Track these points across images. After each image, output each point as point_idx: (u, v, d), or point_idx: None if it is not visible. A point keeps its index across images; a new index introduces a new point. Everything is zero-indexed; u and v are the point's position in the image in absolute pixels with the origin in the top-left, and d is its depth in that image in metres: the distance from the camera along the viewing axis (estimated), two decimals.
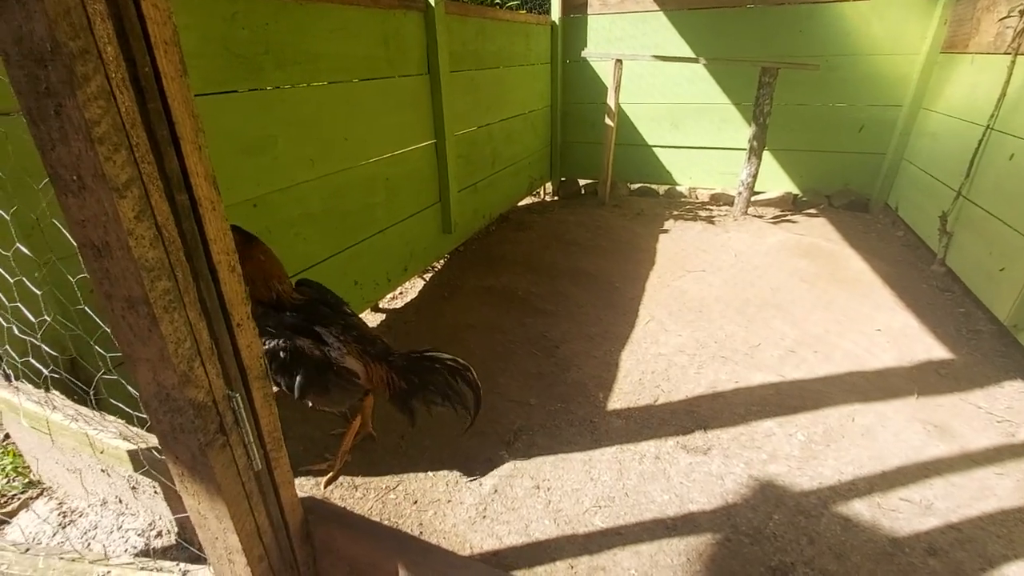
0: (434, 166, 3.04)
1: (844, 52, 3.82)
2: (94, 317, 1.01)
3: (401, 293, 3.06)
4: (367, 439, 1.85)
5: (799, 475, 1.67)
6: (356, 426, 1.73)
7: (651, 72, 4.36)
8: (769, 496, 1.59)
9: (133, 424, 1.13)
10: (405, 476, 1.70)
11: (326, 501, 1.01)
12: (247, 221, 1.85)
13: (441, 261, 3.45)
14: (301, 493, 0.96)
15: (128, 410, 1.06)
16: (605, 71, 4.45)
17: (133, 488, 1.27)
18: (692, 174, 4.61)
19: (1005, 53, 2.64)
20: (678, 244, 3.63)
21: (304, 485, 1.66)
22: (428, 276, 3.25)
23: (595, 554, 1.42)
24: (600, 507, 1.57)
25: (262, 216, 1.93)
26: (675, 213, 4.33)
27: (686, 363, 2.26)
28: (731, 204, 4.37)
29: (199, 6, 1.61)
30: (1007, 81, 2.58)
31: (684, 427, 1.89)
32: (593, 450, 1.79)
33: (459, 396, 1.63)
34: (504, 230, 4.02)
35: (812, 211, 4.25)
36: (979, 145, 2.74)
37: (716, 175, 4.52)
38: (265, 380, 0.75)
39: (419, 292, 3.04)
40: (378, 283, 2.68)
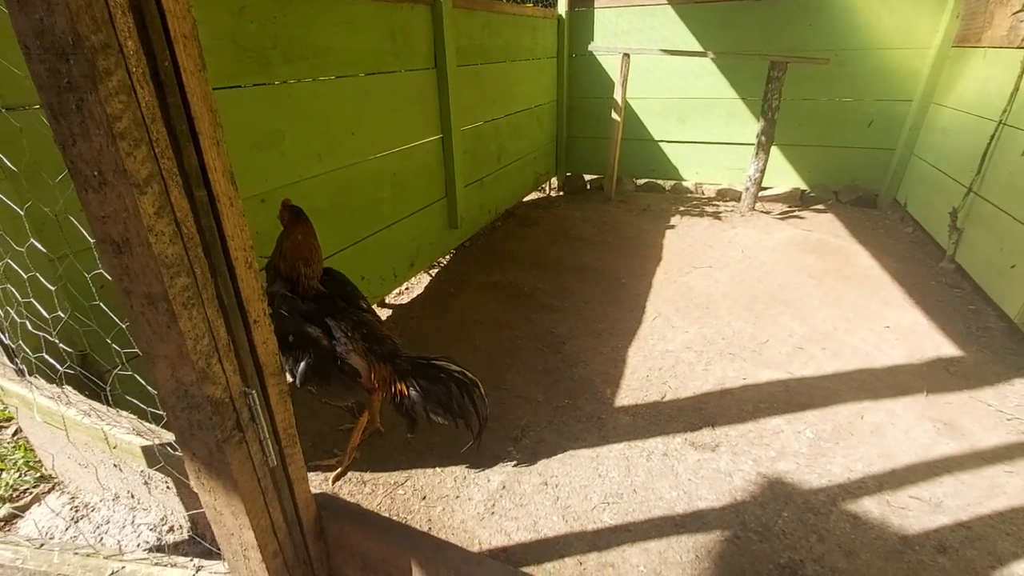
0: (440, 161, 3.03)
1: (854, 46, 3.78)
2: (108, 312, 1.01)
3: (407, 288, 3.06)
4: (375, 435, 1.85)
5: (808, 472, 1.66)
6: (364, 422, 1.74)
7: (658, 66, 4.33)
8: (778, 493, 1.59)
9: (146, 420, 1.13)
10: (413, 472, 1.71)
11: (339, 497, 1.01)
12: (255, 217, 1.85)
13: (447, 256, 3.45)
14: (314, 489, 0.97)
15: (141, 406, 1.06)
16: (611, 65, 4.42)
17: (146, 483, 1.28)
18: (699, 169, 4.59)
19: (1019, 47, 2.61)
20: (684, 240, 3.62)
21: (313, 480, 1.66)
22: (434, 271, 3.25)
23: (604, 551, 1.42)
24: (608, 504, 1.57)
25: (270, 211, 1.93)
26: (681, 209, 4.31)
27: (693, 360, 2.26)
28: (738, 200, 4.35)
29: (208, 0, 1.60)
30: (1020, 75, 2.55)
31: (692, 424, 1.88)
32: (601, 447, 1.79)
33: (462, 412, 1.59)
34: (510, 225, 4.01)
35: (820, 207, 4.23)
36: (991, 140, 2.71)
37: (723, 170, 4.50)
38: (280, 376, 0.75)
39: (425, 287, 3.04)
40: (384, 278, 2.68)
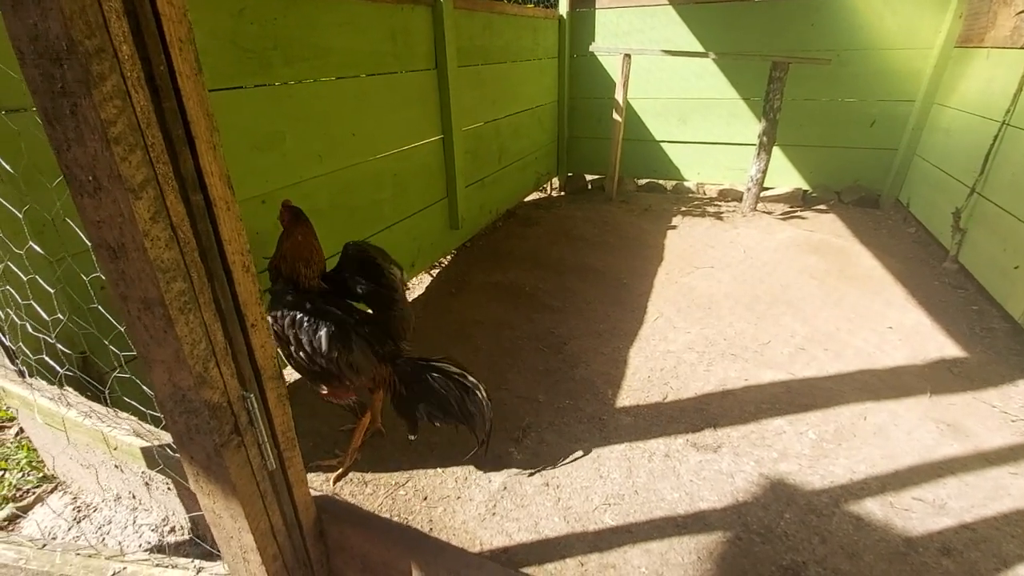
0: (441, 162, 3.03)
1: (856, 46, 3.77)
2: (107, 315, 1.01)
3: (408, 289, 3.06)
4: (376, 435, 1.85)
5: (810, 474, 1.65)
6: (366, 422, 1.73)
7: (659, 67, 4.32)
8: (780, 494, 1.58)
9: (146, 421, 1.13)
10: (415, 472, 1.70)
11: (339, 500, 1.01)
12: (255, 218, 1.85)
13: (448, 257, 3.45)
14: (314, 491, 0.96)
15: (141, 407, 1.06)
16: (612, 66, 4.42)
17: (147, 484, 1.28)
18: (700, 169, 4.58)
19: (1023, 47, 2.60)
20: (686, 240, 3.61)
21: (314, 481, 1.66)
22: (435, 272, 3.25)
23: (605, 552, 1.42)
24: (610, 505, 1.57)
25: (270, 212, 1.93)
26: (683, 209, 4.30)
27: (695, 360, 2.25)
28: (740, 200, 4.34)
29: (208, 1, 1.60)
30: None
31: (694, 425, 1.88)
32: (602, 447, 1.79)
33: (463, 416, 1.57)
34: (511, 226, 4.01)
35: (822, 207, 4.21)
36: (994, 141, 2.69)
37: (724, 170, 4.48)
38: (279, 380, 0.75)
39: (426, 288, 3.04)
40: None
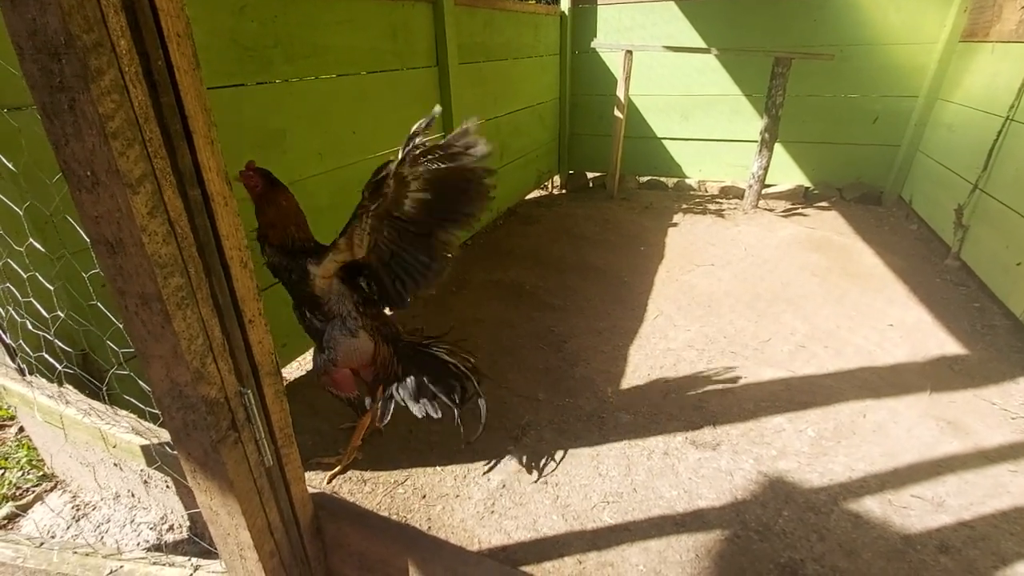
0: None
1: (859, 42, 3.75)
2: (106, 312, 1.01)
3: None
4: (374, 433, 1.86)
5: (809, 471, 1.65)
6: (366, 421, 1.74)
7: (661, 63, 4.30)
8: (779, 492, 1.58)
9: (145, 419, 1.13)
10: (413, 470, 1.71)
11: (336, 497, 1.01)
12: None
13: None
14: (312, 488, 0.97)
15: (140, 405, 1.06)
16: (614, 62, 4.41)
17: (145, 482, 1.28)
18: (702, 167, 4.57)
19: None
20: (687, 238, 3.60)
21: (313, 479, 1.67)
22: None
23: (603, 550, 1.42)
24: (608, 503, 1.57)
25: None
26: (684, 206, 4.30)
27: (695, 358, 2.25)
28: (741, 197, 4.33)
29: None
30: None
31: (693, 423, 1.88)
32: (601, 445, 1.79)
33: (452, 400, 1.56)
34: (512, 224, 4.01)
35: (824, 204, 4.20)
36: (998, 136, 2.68)
37: (726, 167, 4.47)
38: (276, 376, 0.75)
39: None
40: None
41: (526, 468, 1.70)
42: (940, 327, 2.40)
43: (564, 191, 5.06)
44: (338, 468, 1.69)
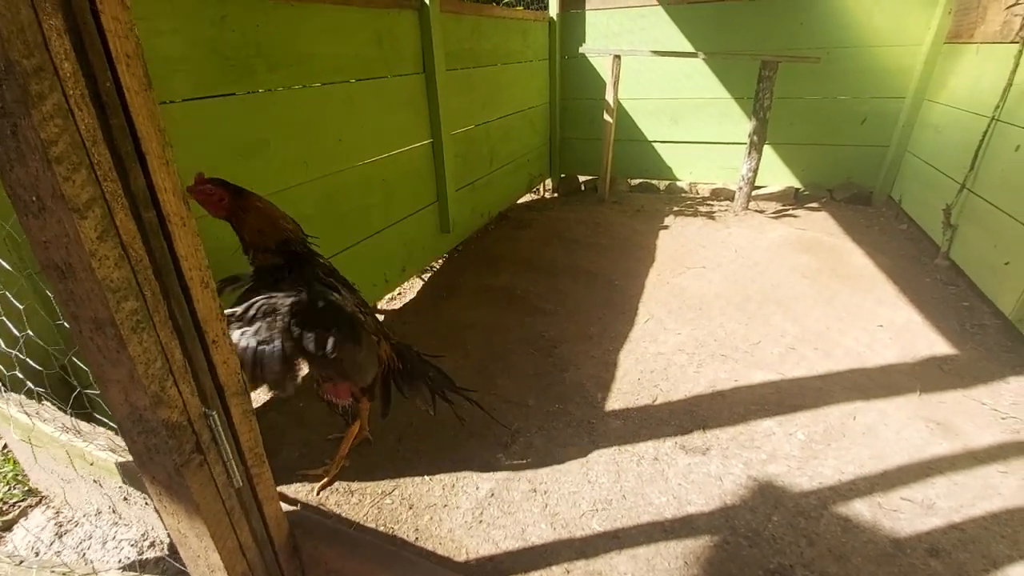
0: (431, 165, 3.02)
1: (846, 44, 3.76)
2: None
3: (400, 294, 3.05)
4: (363, 443, 1.84)
5: (799, 475, 1.65)
6: (355, 431, 1.73)
7: (649, 67, 4.31)
8: (768, 497, 1.58)
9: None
10: (401, 480, 1.69)
11: (312, 515, 1.00)
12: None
13: (440, 261, 3.44)
14: (286, 507, 0.95)
15: (111, 423, 1.05)
16: (604, 67, 4.41)
17: (125, 499, 1.27)
18: (693, 169, 4.57)
19: (1012, 42, 2.59)
20: (678, 240, 3.60)
21: (300, 491, 1.65)
22: (427, 276, 3.24)
23: (591, 558, 1.41)
24: (597, 510, 1.56)
25: None
26: (675, 209, 4.30)
27: (685, 362, 2.24)
28: (732, 199, 4.33)
29: (186, 10, 1.59)
30: (1014, 71, 2.53)
31: (683, 427, 1.87)
32: (591, 451, 1.78)
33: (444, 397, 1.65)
34: (503, 228, 4.00)
35: (814, 205, 4.21)
36: (984, 137, 2.69)
37: (717, 170, 4.48)
38: (243, 396, 0.74)
39: (418, 292, 3.03)
40: (376, 284, 2.67)
41: (515, 476, 1.69)
42: (930, 327, 2.40)
43: (556, 195, 5.06)
44: (326, 479, 1.68)
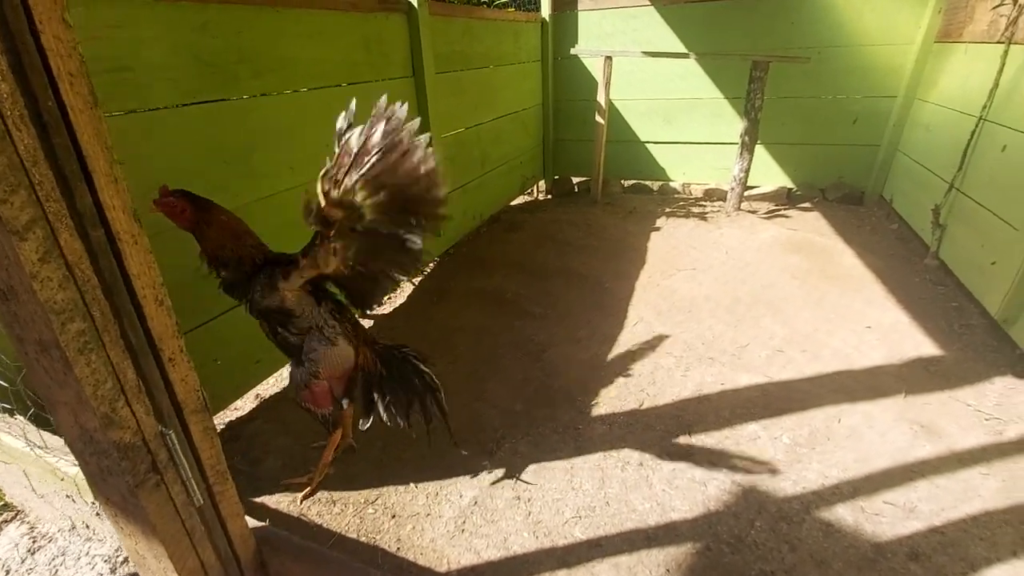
0: None
1: (837, 43, 3.76)
2: None
3: (390, 299, 3.04)
4: (348, 451, 1.83)
5: (783, 479, 1.64)
6: (337, 438, 1.72)
7: (642, 68, 4.31)
8: (752, 502, 1.57)
9: None
10: (385, 489, 1.69)
11: (280, 531, 0.99)
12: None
13: (431, 264, 3.43)
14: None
15: None
16: (597, 67, 4.40)
17: (98, 514, 1.26)
18: (686, 169, 4.57)
19: (998, 42, 2.59)
20: (669, 242, 3.60)
21: (282, 501, 1.64)
22: (417, 280, 3.23)
23: (573, 567, 1.41)
24: (580, 517, 1.55)
25: None
26: (668, 210, 4.29)
27: (672, 365, 2.24)
28: (725, 199, 4.33)
29: (167, 17, 1.58)
30: (1000, 71, 2.53)
31: (669, 432, 1.87)
32: (576, 458, 1.77)
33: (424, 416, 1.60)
34: (495, 231, 3.99)
35: (806, 205, 4.21)
36: (972, 136, 2.69)
37: (710, 170, 4.48)
38: (203, 414, 0.73)
39: (408, 297, 3.02)
40: None
41: (499, 484, 1.68)
42: (917, 328, 2.40)
43: (550, 196, 5.05)
44: (310, 488, 1.67)
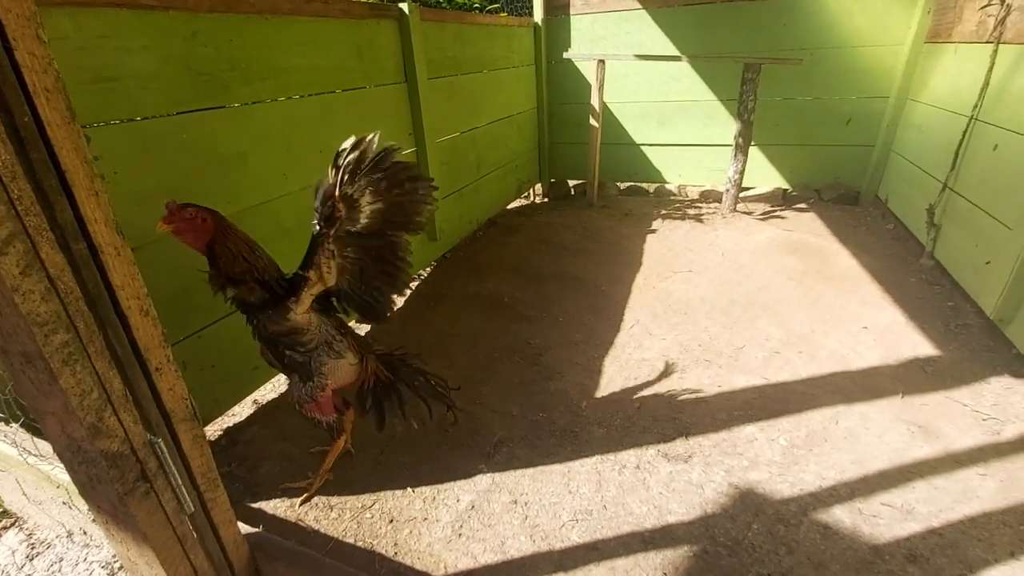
0: None
1: (828, 45, 3.78)
2: None
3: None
4: (345, 455, 1.83)
5: (780, 482, 1.64)
6: (340, 445, 1.72)
7: (635, 70, 4.32)
8: (749, 504, 1.57)
9: None
10: (382, 493, 1.68)
11: (274, 537, 0.99)
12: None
13: (427, 269, 3.43)
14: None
15: None
16: (590, 70, 4.41)
17: (94, 521, 1.26)
18: (681, 171, 4.58)
19: (987, 42, 2.60)
20: (665, 244, 3.60)
21: (279, 507, 1.64)
22: (414, 285, 3.23)
23: (570, 571, 1.40)
24: (577, 521, 1.55)
25: None
26: (663, 212, 4.30)
27: (669, 368, 2.23)
28: (720, 201, 4.33)
29: (157, 27, 1.59)
30: (989, 70, 2.54)
31: (665, 434, 1.87)
32: (573, 461, 1.77)
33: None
34: (491, 235, 4.00)
35: (802, 206, 4.22)
36: (963, 136, 2.70)
37: (705, 172, 4.49)
38: (192, 422, 0.73)
39: (404, 302, 3.02)
40: None
41: (496, 487, 1.68)
42: (914, 328, 2.40)
43: (546, 200, 5.06)
44: (308, 493, 1.67)
